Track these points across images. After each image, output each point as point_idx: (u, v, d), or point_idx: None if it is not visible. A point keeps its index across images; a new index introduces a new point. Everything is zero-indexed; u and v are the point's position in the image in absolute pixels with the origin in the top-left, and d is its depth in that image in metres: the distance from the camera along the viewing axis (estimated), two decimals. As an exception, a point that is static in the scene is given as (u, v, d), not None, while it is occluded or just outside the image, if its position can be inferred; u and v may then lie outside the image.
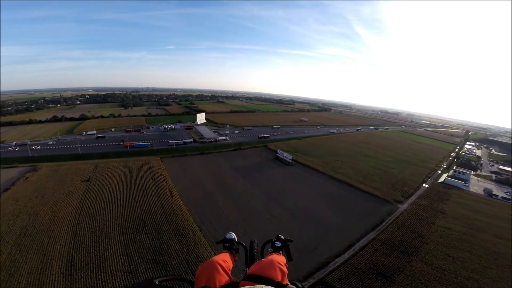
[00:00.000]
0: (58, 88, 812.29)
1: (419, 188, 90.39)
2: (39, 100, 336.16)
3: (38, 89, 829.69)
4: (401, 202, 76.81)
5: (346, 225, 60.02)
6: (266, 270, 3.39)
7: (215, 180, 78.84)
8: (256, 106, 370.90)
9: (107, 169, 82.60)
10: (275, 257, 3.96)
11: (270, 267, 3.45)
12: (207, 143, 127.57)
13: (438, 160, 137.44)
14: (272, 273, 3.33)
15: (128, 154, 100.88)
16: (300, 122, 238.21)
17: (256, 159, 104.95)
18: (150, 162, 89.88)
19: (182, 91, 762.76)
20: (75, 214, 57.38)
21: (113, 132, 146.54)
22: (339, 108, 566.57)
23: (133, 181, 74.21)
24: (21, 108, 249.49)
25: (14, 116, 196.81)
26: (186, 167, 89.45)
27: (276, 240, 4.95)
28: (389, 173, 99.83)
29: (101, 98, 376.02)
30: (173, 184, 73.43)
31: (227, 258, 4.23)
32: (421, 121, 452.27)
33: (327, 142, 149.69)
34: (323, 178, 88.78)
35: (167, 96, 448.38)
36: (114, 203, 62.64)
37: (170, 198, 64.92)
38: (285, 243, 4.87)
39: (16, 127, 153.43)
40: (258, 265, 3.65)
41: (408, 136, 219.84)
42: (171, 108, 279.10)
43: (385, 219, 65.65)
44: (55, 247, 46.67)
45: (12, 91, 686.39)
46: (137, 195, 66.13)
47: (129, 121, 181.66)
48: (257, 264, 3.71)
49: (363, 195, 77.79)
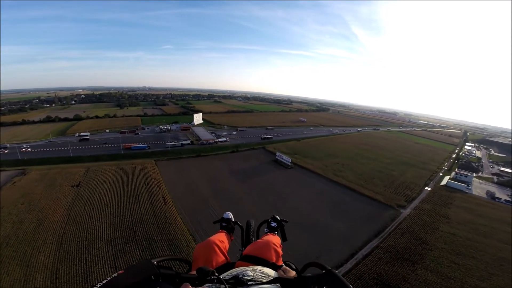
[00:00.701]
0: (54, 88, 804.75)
1: (422, 192, 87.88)
2: (34, 100, 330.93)
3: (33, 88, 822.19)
4: (404, 207, 74.23)
5: (348, 232, 57.44)
6: (261, 250, 3.44)
7: (211, 185, 75.60)
8: (253, 106, 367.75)
9: (98, 173, 79.20)
10: (270, 238, 4.06)
11: (266, 248, 3.51)
12: (207, 145, 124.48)
13: (438, 161, 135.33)
14: (267, 253, 3.39)
15: (121, 157, 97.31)
16: (298, 122, 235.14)
17: (254, 162, 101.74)
18: (144, 166, 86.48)
19: (179, 90, 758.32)
20: (61, 223, 54.23)
21: (107, 134, 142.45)
22: (337, 108, 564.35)
23: (125, 186, 70.89)
24: (14, 108, 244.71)
25: (7, 116, 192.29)
26: (181, 171, 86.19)
27: (272, 220, 5.01)
28: (390, 176, 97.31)
29: (96, 98, 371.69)
30: (167, 189, 70.10)
31: (223, 238, 4.31)
32: (419, 121, 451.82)
33: (327, 143, 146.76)
34: (324, 181, 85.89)
35: (164, 96, 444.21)
36: (104, 210, 59.50)
37: (163, 205, 61.71)
38: (280, 224, 4.95)
39: (8, 128, 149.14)
40: (254, 245, 3.71)
41: (407, 136, 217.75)
42: (167, 108, 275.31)
43: (388, 225, 63.17)
44: (39, 258, 43.94)
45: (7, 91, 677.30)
46: (129, 202, 62.92)
47: (125, 121, 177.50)
48: (253, 244, 3.78)
49: (365, 200, 75.13)
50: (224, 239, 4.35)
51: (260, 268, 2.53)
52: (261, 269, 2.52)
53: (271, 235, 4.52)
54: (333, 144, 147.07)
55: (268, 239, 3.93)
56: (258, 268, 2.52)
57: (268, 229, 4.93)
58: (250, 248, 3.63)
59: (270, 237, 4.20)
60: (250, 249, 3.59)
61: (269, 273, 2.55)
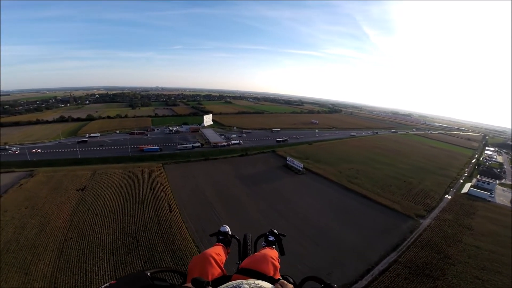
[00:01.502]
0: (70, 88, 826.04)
1: (442, 200, 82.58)
2: (50, 100, 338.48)
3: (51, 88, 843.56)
4: (424, 217, 69.53)
5: (363, 245, 53.63)
6: (258, 264, 3.41)
7: (218, 191, 72.63)
8: (264, 107, 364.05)
9: (104, 176, 77.84)
10: (268, 252, 4.02)
11: (263, 262, 3.48)
12: (220, 147, 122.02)
13: (458, 167, 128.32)
14: (264, 267, 3.36)
15: (129, 159, 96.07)
16: (310, 124, 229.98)
17: (264, 166, 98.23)
18: (151, 169, 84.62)
19: (190, 90, 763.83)
20: (63, 229, 52.86)
21: (117, 134, 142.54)
22: (349, 109, 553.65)
23: (130, 191, 69.09)
24: (31, 108, 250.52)
25: (23, 116, 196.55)
26: (188, 175, 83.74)
27: (269, 234, 4.93)
28: (407, 183, 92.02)
29: (110, 98, 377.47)
30: (173, 195, 67.73)
31: (220, 251, 4.25)
32: (434, 123, 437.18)
33: (340, 147, 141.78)
34: (337, 189, 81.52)
35: (175, 96, 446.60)
36: (107, 217, 57.75)
37: (168, 212, 59.34)
38: (278, 238, 4.86)
39: (22, 128, 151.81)
40: (251, 259, 3.71)
41: (423, 140, 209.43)
42: (178, 108, 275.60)
43: (407, 237, 59.03)
44: (38, 266, 42.56)
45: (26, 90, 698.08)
46: (133, 208, 60.95)
47: (135, 122, 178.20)
48: (250, 258, 3.79)
49: (382, 209, 70.64)
50: (221, 252, 4.28)
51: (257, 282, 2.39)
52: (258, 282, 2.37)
53: (268, 249, 4.46)
54: (346, 147, 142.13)
55: (266, 252, 3.88)
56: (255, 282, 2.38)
57: (265, 243, 4.85)
58: (247, 261, 3.58)
59: (268, 251, 4.14)
60: (247, 262, 3.54)
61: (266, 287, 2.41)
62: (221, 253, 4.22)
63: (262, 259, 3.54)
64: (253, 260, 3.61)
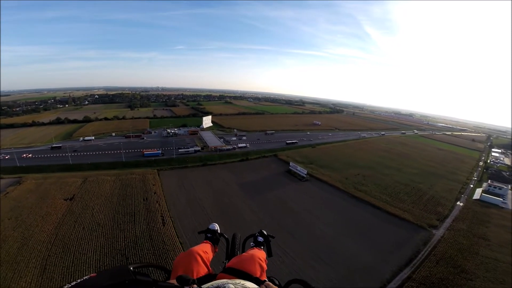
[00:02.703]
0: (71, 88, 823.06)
1: (454, 208, 78.00)
2: (49, 100, 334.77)
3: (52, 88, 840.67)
4: (436, 227, 65.13)
5: (374, 261, 49.38)
6: (245, 264, 3.39)
7: (217, 201, 67.73)
8: (264, 107, 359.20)
9: (95, 184, 73.17)
10: (256, 252, 3.99)
11: (250, 262, 3.46)
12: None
13: (467, 171, 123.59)
14: (251, 267, 3.33)
15: (123, 165, 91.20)
16: (312, 125, 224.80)
17: (265, 172, 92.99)
18: (145, 176, 79.66)
19: (191, 90, 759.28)
20: (47, 243, 48.66)
21: (113, 138, 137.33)
22: (351, 109, 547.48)
23: (122, 201, 64.36)
24: (29, 109, 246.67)
25: (19, 117, 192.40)
26: (185, 183, 78.53)
27: (258, 235, 4.91)
28: (417, 189, 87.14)
29: (109, 99, 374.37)
30: (167, 206, 62.80)
31: (207, 249, 4.20)
32: (437, 123, 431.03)
33: (344, 150, 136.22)
34: (344, 197, 76.46)
35: (175, 96, 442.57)
36: (95, 230, 53.27)
37: (162, 226, 54.63)
38: (267, 239, 4.86)
39: (17, 130, 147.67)
40: (238, 258, 3.69)
41: (428, 141, 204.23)
42: (177, 109, 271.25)
43: (421, 250, 54.88)
44: (19, 284, 39.14)
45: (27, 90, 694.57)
46: (123, 221, 56.31)
47: (133, 123, 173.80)
48: (237, 257, 3.76)
49: (392, 220, 65.94)
50: (208, 250, 4.24)
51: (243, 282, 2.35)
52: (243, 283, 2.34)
53: (256, 250, 4.40)
54: (351, 151, 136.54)
55: (254, 253, 3.84)
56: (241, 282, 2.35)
57: (254, 244, 4.78)
58: (234, 261, 3.56)
59: (256, 252, 4.09)
60: (234, 262, 3.51)
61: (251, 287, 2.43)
62: (208, 251, 4.16)
63: (249, 260, 3.49)
64: (240, 260, 3.55)
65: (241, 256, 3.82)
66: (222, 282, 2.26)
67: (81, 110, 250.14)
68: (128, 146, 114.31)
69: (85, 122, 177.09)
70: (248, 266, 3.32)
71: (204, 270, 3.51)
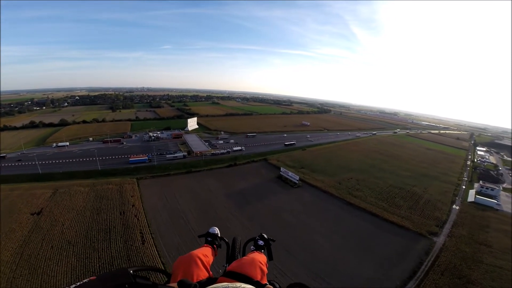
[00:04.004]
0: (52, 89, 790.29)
1: (451, 212, 75.64)
2: (26, 102, 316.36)
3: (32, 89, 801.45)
4: (437, 234, 62.17)
5: (377, 275, 46.00)
6: (246, 268, 3.29)
7: (203, 214, 61.50)
8: (253, 107, 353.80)
9: (67, 196, 65.58)
10: (256, 256, 3.90)
11: (251, 265, 3.36)
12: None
13: (457, 171, 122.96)
14: (252, 271, 3.23)
15: (99, 174, 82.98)
16: (301, 126, 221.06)
17: (255, 179, 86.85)
18: (123, 186, 72.34)
19: (178, 91, 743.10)
20: (11, 264, 42.84)
21: (89, 143, 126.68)
22: (337, 108, 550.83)
23: (96, 216, 57.36)
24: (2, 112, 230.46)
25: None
26: (167, 193, 71.52)
27: (259, 238, 4.88)
28: (412, 193, 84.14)
29: (90, 100, 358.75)
30: (147, 221, 56.20)
31: (207, 253, 4.16)
32: (421, 122, 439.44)
33: (336, 152, 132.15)
34: (339, 205, 72.03)
35: (161, 97, 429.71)
36: (65, 249, 46.92)
37: (141, 244, 48.36)
38: (267, 242, 4.81)
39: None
40: (238, 262, 3.57)
41: (416, 141, 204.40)
42: (162, 110, 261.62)
43: (423, 260, 51.87)
44: None
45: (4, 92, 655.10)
46: (97, 239, 49.78)
47: (113, 127, 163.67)
48: (237, 261, 3.65)
49: (391, 228, 62.24)
50: (208, 253, 4.20)
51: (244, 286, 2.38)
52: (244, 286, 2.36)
53: (257, 253, 4.34)
54: (343, 153, 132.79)
55: (254, 256, 3.75)
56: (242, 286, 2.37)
57: (254, 247, 4.74)
58: (234, 265, 3.42)
59: (256, 255, 4.01)
60: (234, 266, 3.38)
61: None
62: (209, 255, 4.12)
63: (250, 263, 3.41)
64: (240, 263, 3.44)
65: (242, 259, 3.65)
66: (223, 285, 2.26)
67: (59, 113, 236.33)
68: (105, 152, 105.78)
69: (62, 125, 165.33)
70: (249, 270, 3.20)
71: (204, 273, 3.46)
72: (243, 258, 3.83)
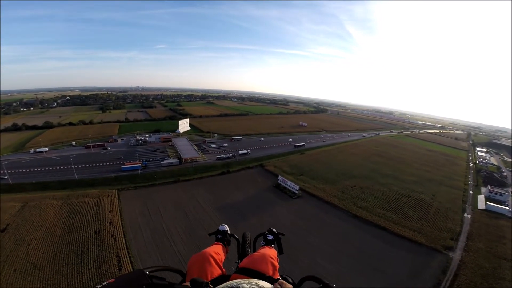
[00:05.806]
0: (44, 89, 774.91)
1: (463, 222, 69.79)
2: (15, 103, 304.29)
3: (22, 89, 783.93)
4: (452, 248, 56.31)
5: None
6: (257, 264, 3.35)
7: (191, 233, 53.58)
8: (249, 107, 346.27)
9: (37, 210, 57.84)
10: (267, 251, 3.95)
11: (262, 261, 3.42)
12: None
13: (461, 174, 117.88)
14: (263, 267, 3.29)
15: (76, 184, 74.75)
16: (298, 127, 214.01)
17: (250, 188, 78.78)
18: (101, 199, 64.35)
19: (172, 90, 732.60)
20: None
21: (71, 148, 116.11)
22: (334, 108, 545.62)
23: (67, 234, 49.89)
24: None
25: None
26: (151, 207, 63.21)
27: (268, 233, 4.83)
28: (420, 201, 77.90)
29: (81, 100, 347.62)
30: (126, 242, 48.70)
31: (219, 250, 4.17)
32: (417, 121, 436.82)
33: (336, 156, 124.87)
34: (344, 218, 64.99)
35: (154, 97, 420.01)
36: (30, 274, 40.19)
37: (117, 270, 41.12)
38: (277, 237, 4.77)
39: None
40: (250, 258, 3.61)
41: (415, 142, 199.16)
42: (154, 111, 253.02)
43: (441, 280, 46.48)
44: None
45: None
46: (67, 262, 42.72)
47: (100, 129, 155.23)
48: (249, 257, 3.68)
49: (402, 243, 56.04)
50: (220, 251, 4.20)
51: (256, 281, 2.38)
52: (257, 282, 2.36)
53: (267, 248, 4.34)
54: (343, 156, 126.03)
55: (265, 252, 3.82)
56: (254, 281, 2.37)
57: (264, 242, 4.74)
58: (246, 261, 3.50)
59: (267, 250, 4.06)
60: (246, 262, 3.46)
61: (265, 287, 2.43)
62: (220, 252, 4.14)
63: (261, 259, 3.47)
64: (252, 259, 3.51)
65: (253, 255, 3.69)
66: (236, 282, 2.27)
67: (46, 114, 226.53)
68: (86, 159, 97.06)
69: (46, 128, 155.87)
70: (260, 266, 3.26)
71: (218, 271, 3.49)
72: (254, 254, 3.79)
